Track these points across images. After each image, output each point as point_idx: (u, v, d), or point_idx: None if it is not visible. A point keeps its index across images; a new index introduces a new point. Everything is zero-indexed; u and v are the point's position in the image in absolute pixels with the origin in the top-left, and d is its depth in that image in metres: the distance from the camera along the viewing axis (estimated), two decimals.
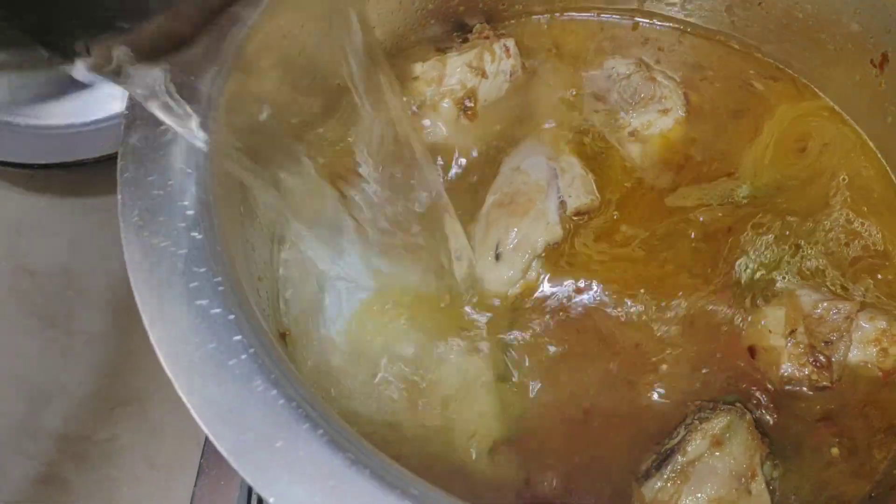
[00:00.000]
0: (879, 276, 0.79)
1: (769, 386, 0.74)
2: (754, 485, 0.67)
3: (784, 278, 0.79)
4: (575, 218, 0.81)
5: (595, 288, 0.78)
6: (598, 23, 0.96)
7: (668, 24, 0.95)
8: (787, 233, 0.81)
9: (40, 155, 1.05)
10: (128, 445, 1.00)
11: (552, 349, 0.76)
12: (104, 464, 0.98)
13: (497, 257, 0.77)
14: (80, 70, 0.49)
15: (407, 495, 0.48)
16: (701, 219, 0.82)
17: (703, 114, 0.89)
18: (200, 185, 0.58)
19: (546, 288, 0.78)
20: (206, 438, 0.82)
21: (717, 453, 0.68)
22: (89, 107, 1.06)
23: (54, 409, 0.99)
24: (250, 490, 0.82)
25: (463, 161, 0.85)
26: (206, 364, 0.51)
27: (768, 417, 0.72)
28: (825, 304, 0.75)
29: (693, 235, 0.81)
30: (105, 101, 1.06)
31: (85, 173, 1.06)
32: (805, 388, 0.74)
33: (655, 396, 0.74)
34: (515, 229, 0.77)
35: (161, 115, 0.54)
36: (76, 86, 1.07)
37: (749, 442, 0.69)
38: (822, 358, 0.74)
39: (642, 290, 0.78)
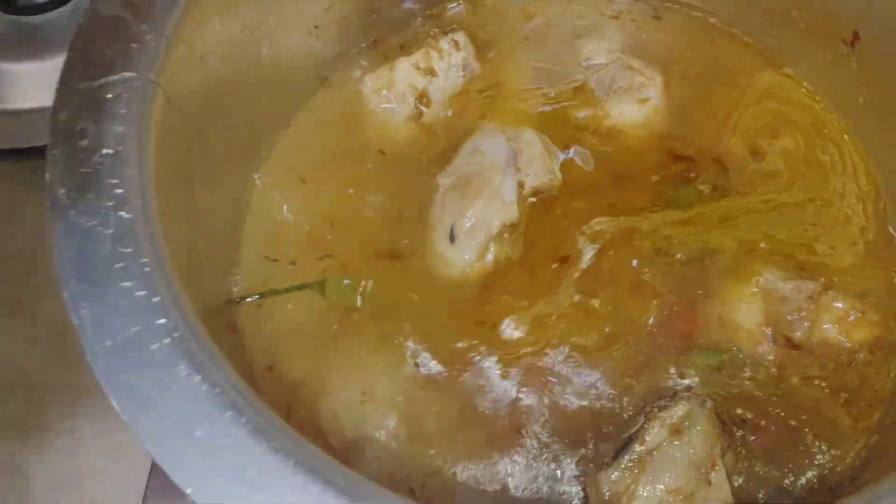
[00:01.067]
0: (844, 251, 0.78)
1: (732, 365, 0.72)
2: (714, 475, 0.65)
3: (750, 257, 0.77)
4: (532, 199, 0.79)
5: (555, 266, 0.76)
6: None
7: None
8: (755, 213, 0.80)
9: (6, 139, 1.03)
10: (91, 437, 0.98)
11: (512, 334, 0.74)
12: (67, 455, 0.96)
13: (452, 239, 0.76)
14: None
15: (332, 485, 0.46)
16: (667, 199, 0.81)
17: (680, 100, 0.87)
18: (132, 161, 0.55)
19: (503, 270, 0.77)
20: None
21: (676, 442, 0.66)
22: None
23: (17, 399, 0.97)
24: None
25: (427, 158, 0.83)
26: (128, 348, 0.49)
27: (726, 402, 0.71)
28: (790, 284, 0.73)
29: (659, 217, 0.79)
30: None
31: None
32: (767, 368, 0.72)
33: (613, 377, 0.72)
34: (470, 210, 0.75)
35: None
36: (44, 68, 1.06)
37: (709, 431, 0.67)
38: (784, 337, 0.72)
39: (606, 268, 0.77)
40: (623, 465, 0.66)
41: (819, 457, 0.68)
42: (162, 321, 0.50)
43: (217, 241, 0.74)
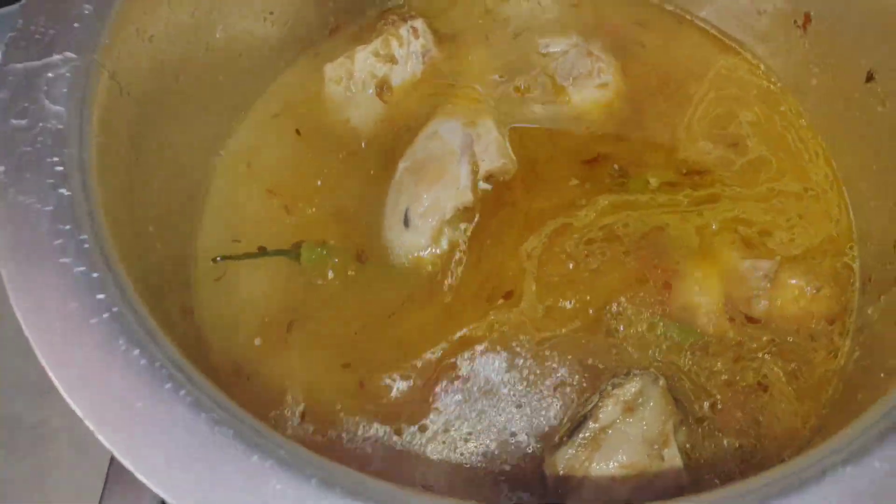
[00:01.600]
0: (802, 232, 0.78)
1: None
2: (667, 451, 0.66)
3: (707, 237, 0.78)
4: (486, 184, 0.79)
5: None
6: None
7: None
8: (712, 195, 0.80)
9: None
10: (58, 429, 0.97)
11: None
12: (34, 448, 0.96)
13: (406, 223, 0.75)
14: None
15: (271, 455, 0.45)
16: (628, 186, 0.81)
17: (640, 85, 0.87)
18: (74, 140, 0.55)
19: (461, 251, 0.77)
20: None
21: (630, 419, 0.66)
22: None
23: None
24: None
25: (385, 142, 0.83)
26: (67, 324, 0.49)
27: (683, 378, 0.71)
28: (745, 263, 0.74)
29: (619, 201, 0.80)
30: None
31: None
32: (726, 346, 0.73)
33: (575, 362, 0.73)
34: (425, 195, 0.76)
35: None
36: None
37: (662, 407, 0.67)
38: (742, 315, 0.73)
39: (563, 249, 0.77)
40: (577, 443, 0.66)
41: (773, 431, 0.69)
42: (101, 297, 0.49)
43: (172, 225, 0.73)
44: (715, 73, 0.89)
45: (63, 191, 0.53)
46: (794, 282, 0.74)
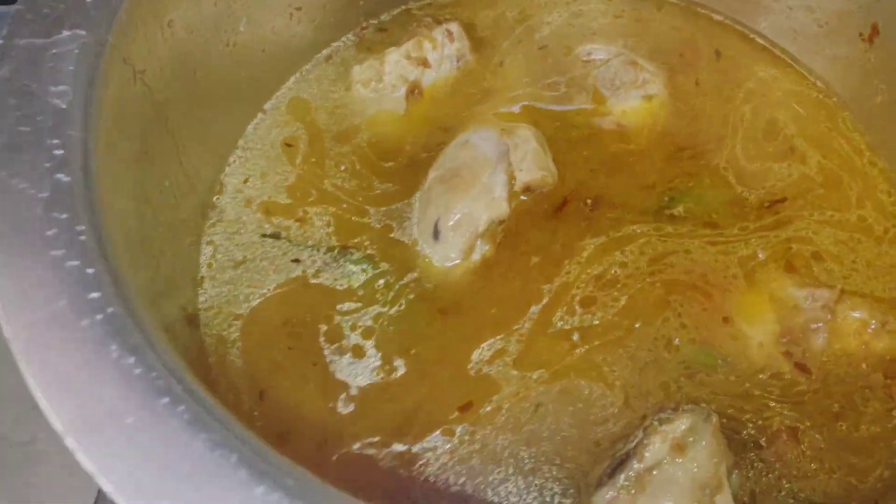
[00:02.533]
0: (862, 260, 0.72)
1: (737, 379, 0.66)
2: (720, 497, 0.59)
3: (762, 264, 0.71)
4: (524, 196, 0.73)
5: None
6: None
7: None
8: (766, 219, 0.74)
9: None
10: (48, 449, 0.92)
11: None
12: (22, 468, 0.91)
13: (435, 235, 0.70)
14: None
15: (279, 485, 0.39)
16: (671, 201, 0.76)
17: (688, 97, 0.82)
18: (77, 122, 0.50)
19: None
20: None
21: (679, 460, 0.59)
22: None
23: None
24: None
25: (414, 150, 0.78)
26: (53, 324, 0.43)
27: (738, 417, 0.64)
28: (802, 292, 0.67)
29: (664, 220, 0.75)
30: None
31: None
32: (782, 383, 0.66)
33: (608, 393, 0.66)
34: (457, 206, 0.70)
35: None
36: None
37: (715, 448, 0.60)
38: (797, 349, 0.66)
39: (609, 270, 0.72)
40: (619, 485, 0.60)
41: (836, 480, 0.62)
42: (95, 295, 0.44)
43: (181, 227, 0.68)
44: (767, 88, 0.83)
45: (61, 176, 0.47)
46: (856, 314, 0.67)
